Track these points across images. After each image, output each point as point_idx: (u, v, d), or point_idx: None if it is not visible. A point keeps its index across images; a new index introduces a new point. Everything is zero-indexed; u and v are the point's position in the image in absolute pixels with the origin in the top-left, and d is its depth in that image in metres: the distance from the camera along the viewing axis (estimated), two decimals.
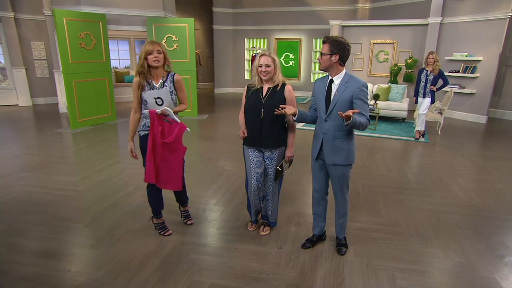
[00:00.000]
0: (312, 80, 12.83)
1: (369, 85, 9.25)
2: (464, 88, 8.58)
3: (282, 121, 2.89)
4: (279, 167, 2.93)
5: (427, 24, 9.16)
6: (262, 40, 13.23)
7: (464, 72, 8.49)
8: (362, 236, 3.16)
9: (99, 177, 4.54)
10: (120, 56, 11.70)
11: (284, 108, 2.58)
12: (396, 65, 9.72)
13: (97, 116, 7.68)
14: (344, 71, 2.55)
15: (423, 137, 6.71)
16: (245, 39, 13.26)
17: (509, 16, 7.65)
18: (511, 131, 7.67)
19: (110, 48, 8.00)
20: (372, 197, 4.05)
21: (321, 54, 2.51)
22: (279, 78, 2.84)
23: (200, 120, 8.38)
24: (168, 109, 2.78)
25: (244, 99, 2.96)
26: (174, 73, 2.94)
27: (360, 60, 10.38)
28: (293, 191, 4.10)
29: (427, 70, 6.27)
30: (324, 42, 2.49)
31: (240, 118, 3.01)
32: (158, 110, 2.76)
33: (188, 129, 2.89)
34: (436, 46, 9.01)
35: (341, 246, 2.93)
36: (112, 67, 11.12)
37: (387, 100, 8.48)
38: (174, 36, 8.11)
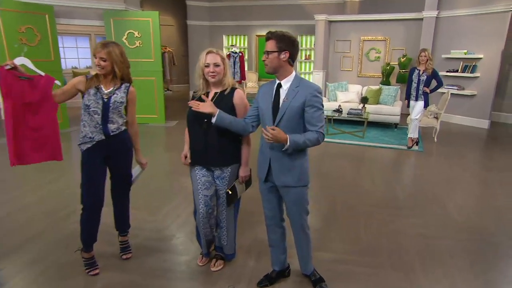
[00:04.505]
0: None
1: (359, 87, 9.10)
2: (463, 89, 8.45)
3: (233, 132, 2.57)
4: (229, 190, 2.61)
5: (422, 19, 9.05)
6: (242, 37, 13.05)
7: (463, 71, 8.38)
8: (335, 270, 2.85)
9: (31, 198, 4.15)
10: (80, 55, 11.29)
11: (198, 105, 2.32)
12: (389, 64, 9.58)
13: None
14: (293, 73, 2.30)
15: (416, 145, 6.51)
16: (224, 36, 13.06)
17: None
18: None
19: (68, 46, 7.62)
20: (352, 218, 3.76)
21: (267, 52, 2.22)
22: (229, 81, 2.58)
23: (167, 128, 8.05)
24: (23, 58, 2.47)
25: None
26: (130, 85, 2.70)
27: (349, 59, 10.20)
28: (252, 214, 3.70)
29: (419, 70, 6.09)
30: (268, 39, 2.21)
31: (186, 135, 2.72)
32: (8, 65, 2.37)
33: (57, 81, 2.59)
34: (432, 42, 8.91)
35: (316, 282, 2.63)
36: (71, 67, 10.81)
37: (377, 103, 8.29)
38: (137, 32, 7.81)
